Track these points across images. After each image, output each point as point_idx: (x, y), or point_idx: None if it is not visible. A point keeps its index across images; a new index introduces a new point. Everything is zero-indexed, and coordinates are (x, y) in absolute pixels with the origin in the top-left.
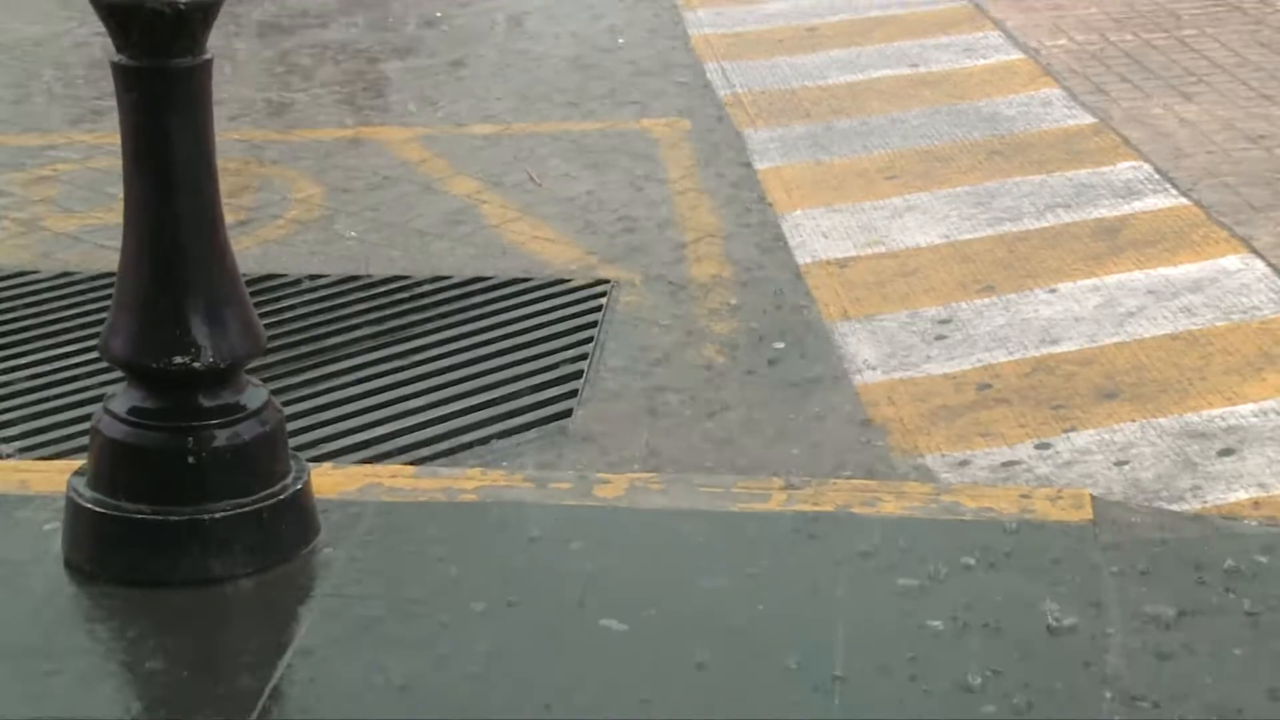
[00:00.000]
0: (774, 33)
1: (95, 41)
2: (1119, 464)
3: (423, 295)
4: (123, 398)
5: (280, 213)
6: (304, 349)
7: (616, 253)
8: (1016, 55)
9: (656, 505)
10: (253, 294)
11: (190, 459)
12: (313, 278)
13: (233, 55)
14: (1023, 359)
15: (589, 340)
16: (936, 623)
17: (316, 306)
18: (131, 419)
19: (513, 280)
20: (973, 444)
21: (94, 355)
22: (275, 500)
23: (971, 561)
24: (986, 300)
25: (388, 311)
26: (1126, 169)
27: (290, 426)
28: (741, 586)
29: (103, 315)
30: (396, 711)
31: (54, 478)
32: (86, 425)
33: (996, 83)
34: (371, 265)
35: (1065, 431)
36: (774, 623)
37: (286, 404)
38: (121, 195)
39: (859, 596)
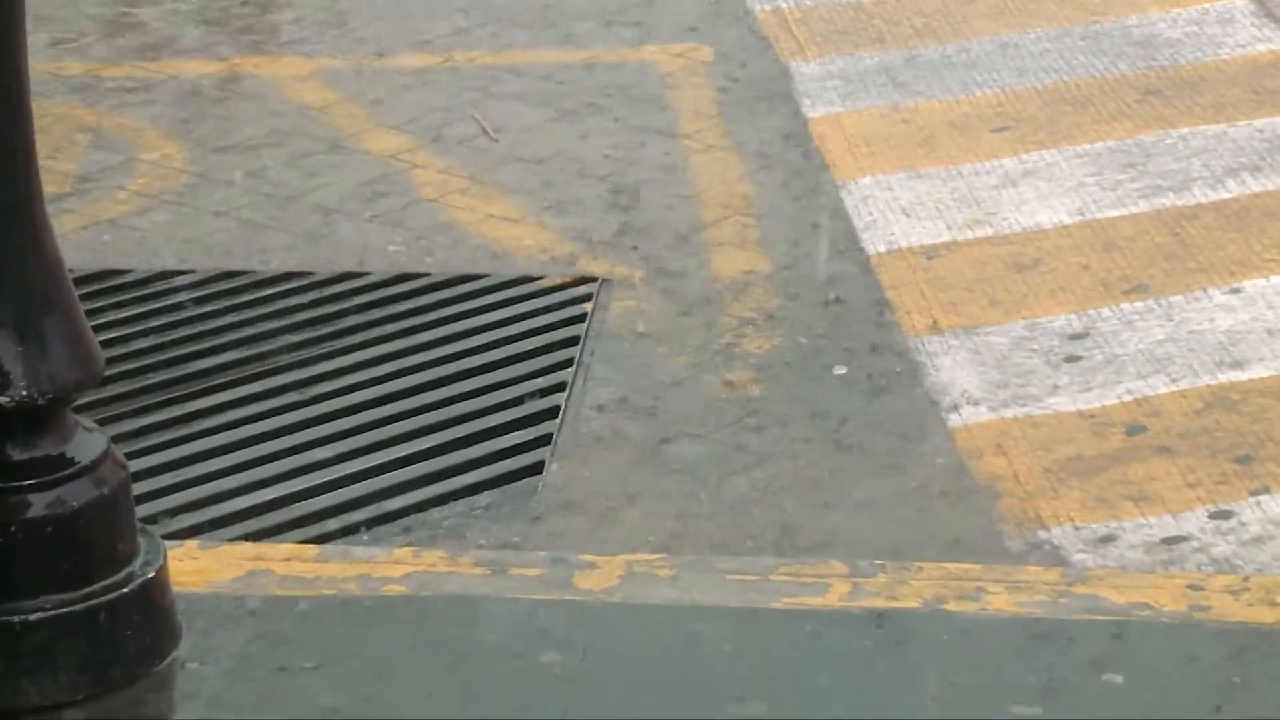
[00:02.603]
0: None
1: None
2: None
3: (328, 300)
4: None
5: (123, 181)
6: (159, 377)
7: (607, 238)
8: None
9: (664, 600)
10: (84, 298)
11: None
12: (170, 275)
13: None
14: (1192, 389)
15: (568, 364)
16: None
17: (176, 316)
18: None
19: (458, 278)
20: (1120, 511)
21: None
22: (117, 594)
23: (1118, 680)
24: (1139, 304)
25: (279, 323)
26: None
27: (139, 488)
28: (787, 717)
29: None
30: None
31: None
32: None
33: None
34: (255, 256)
35: (1254, 494)
36: None
37: (134, 456)
38: None
39: None
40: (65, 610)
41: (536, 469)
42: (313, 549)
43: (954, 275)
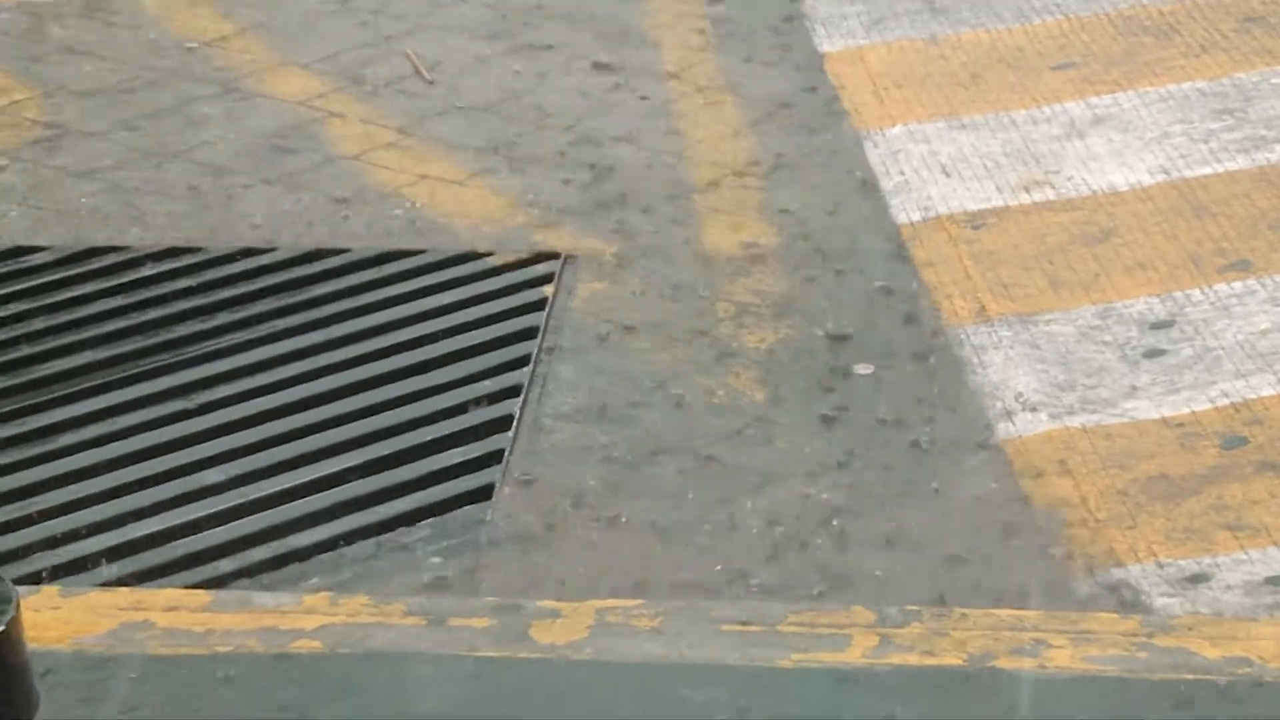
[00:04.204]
0: None
1: None
2: None
3: (221, 283)
4: None
5: None
6: (6, 381)
7: (571, 205)
8: None
9: (645, 656)
10: None
11: None
12: (20, 253)
13: None
14: None
15: (523, 362)
16: None
17: (27, 305)
18: None
19: (384, 256)
20: (1214, 543)
21: None
22: None
23: None
24: (1238, 285)
25: (159, 312)
26: None
27: None
28: None
29: None
30: None
31: None
32: None
33: None
34: (129, 229)
35: None
36: None
37: None
38: None
39: None
40: None
41: (484, 493)
42: (203, 595)
43: (1006, 249)
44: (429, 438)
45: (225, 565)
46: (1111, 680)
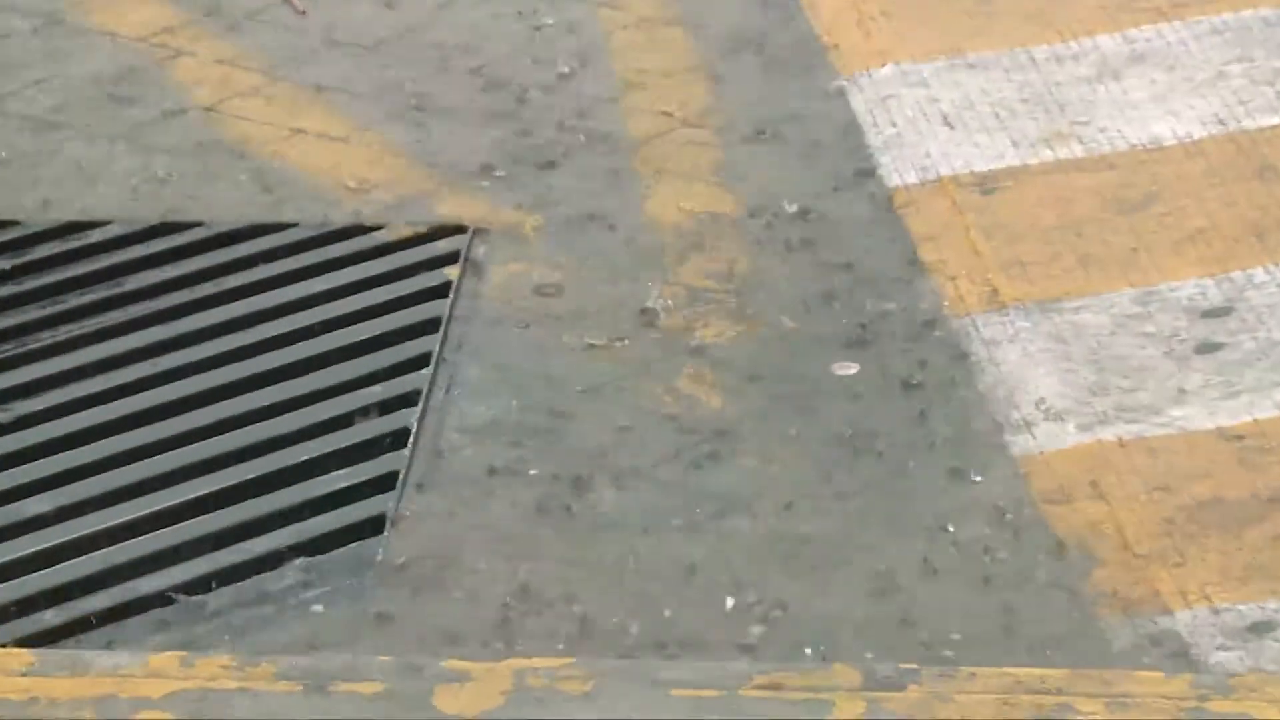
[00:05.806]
0: None
1: None
2: None
3: (44, 265)
4: None
5: None
6: None
7: (482, 165)
8: None
9: None
10: None
11: None
12: None
13: None
14: None
15: (422, 362)
16: None
17: None
18: None
19: (248, 230)
20: None
21: None
22: None
23: None
24: None
25: None
26: None
27: None
28: None
29: None
30: None
31: None
32: None
33: None
34: None
35: None
36: None
37: None
38: None
39: None
40: None
41: (375, 526)
42: (25, 656)
43: (1024, 219)
44: (306, 457)
45: (52, 617)
46: None
